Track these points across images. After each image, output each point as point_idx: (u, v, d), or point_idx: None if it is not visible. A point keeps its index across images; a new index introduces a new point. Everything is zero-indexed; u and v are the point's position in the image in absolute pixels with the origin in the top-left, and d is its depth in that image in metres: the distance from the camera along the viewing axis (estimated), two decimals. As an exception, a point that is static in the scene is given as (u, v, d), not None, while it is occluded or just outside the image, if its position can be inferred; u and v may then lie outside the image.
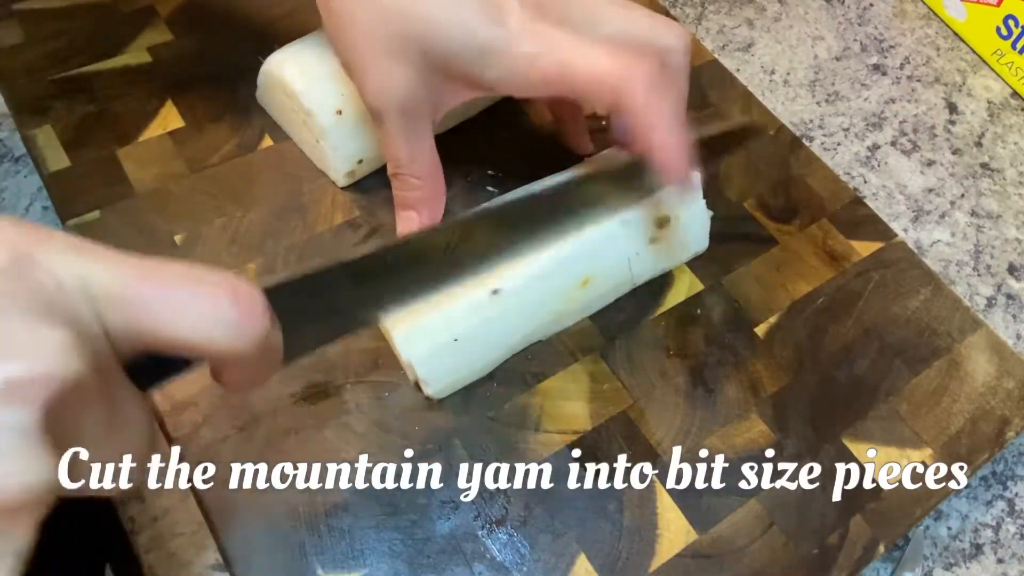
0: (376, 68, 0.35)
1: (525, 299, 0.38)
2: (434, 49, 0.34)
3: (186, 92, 0.46)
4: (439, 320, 0.36)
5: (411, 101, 0.35)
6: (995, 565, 0.41)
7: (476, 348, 0.37)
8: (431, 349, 0.36)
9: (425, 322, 0.36)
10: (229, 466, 0.35)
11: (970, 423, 0.41)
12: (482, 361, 0.38)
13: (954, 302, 0.45)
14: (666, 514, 0.37)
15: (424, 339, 0.36)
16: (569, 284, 0.39)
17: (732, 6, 0.61)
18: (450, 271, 0.32)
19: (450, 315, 0.36)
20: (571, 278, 0.39)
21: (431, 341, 0.36)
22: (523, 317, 0.38)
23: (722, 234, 0.44)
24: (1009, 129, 0.57)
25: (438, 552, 0.34)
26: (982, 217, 0.53)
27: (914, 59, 0.60)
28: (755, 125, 0.39)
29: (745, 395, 0.40)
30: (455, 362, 0.37)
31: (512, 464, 0.37)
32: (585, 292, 0.40)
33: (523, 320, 0.38)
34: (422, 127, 0.37)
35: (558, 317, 0.40)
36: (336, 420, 0.37)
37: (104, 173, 0.42)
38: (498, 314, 0.37)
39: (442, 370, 0.37)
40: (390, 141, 0.37)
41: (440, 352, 0.36)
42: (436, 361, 0.37)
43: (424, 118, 0.37)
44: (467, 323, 0.36)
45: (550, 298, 0.39)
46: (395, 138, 0.37)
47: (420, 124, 0.37)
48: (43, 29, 0.47)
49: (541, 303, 0.38)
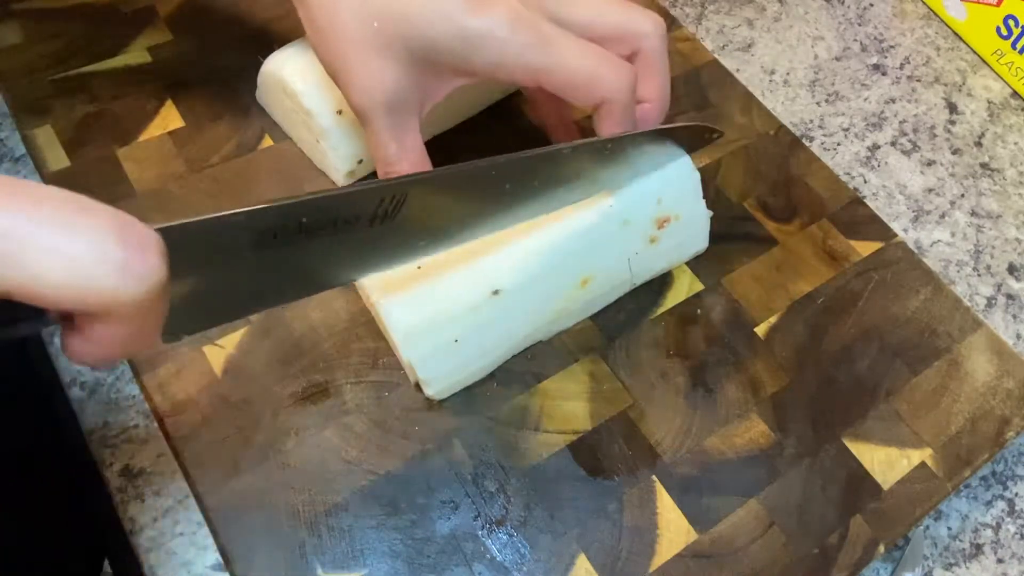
0: (360, 67, 0.35)
1: (525, 299, 0.38)
2: (417, 41, 0.34)
3: (186, 92, 0.46)
4: (440, 321, 0.36)
5: (397, 98, 0.35)
6: (995, 565, 0.41)
7: (477, 348, 0.37)
8: (432, 350, 0.36)
9: (425, 323, 0.36)
10: (229, 466, 0.35)
11: (970, 423, 0.41)
12: (483, 361, 0.38)
13: (954, 302, 0.45)
14: (666, 514, 0.37)
15: (425, 340, 0.36)
16: (569, 283, 0.39)
17: (732, 6, 0.61)
18: (382, 240, 0.28)
19: (451, 315, 0.36)
20: (571, 277, 0.39)
21: (432, 342, 0.36)
22: (523, 317, 0.38)
23: (722, 234, 0.44)
24: (1009, 129, 0.57)
25: (438, 552, 0.34)
26: (982, 217, 0.53)
27: (914, 59, 0.60)
28: (706, 127, 0.40)
29: (745, 395, 0.40)
30: (456, 363, 0.37)
31: (512, 464, 0.37)
32: (585, 292, 0.40)
33: (523, 320, 0.38)
34: (410, 123, 0.37)
35: (558, 317, 0.40)
36: (336, 420, 0.37)
37: (104, 173, 0.42)
38: (498, 314, 0.37)
39: (443, 371, 0.37)
40: (378, 140, 0.37)
41: (441, 353, 0.36)
42: (437, 362, 0.37)
43: (412, 114, 0.36)
44: (467, 323, 0.36)
45: (550, 298, 0.39)
46: (382, 136, 0.36)
47: (407, 120, 0.36)
48: (43, 29, 0.47)
49: (541, 303, 0.38)
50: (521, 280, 0.37)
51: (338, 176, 0.43)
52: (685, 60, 0.53)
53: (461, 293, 0.36)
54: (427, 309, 0.36)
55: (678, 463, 0.38)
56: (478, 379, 0.39)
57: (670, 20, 0.55)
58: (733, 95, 0.52)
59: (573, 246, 0.38)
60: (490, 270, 0.37)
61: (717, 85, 0.52)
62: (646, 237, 0.40)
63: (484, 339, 0.37)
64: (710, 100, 0.51)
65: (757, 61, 0.58)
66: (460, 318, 0.36)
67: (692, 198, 0.41)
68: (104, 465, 0.37)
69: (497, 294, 0.37)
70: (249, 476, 0.35)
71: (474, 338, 0.37)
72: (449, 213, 0.32)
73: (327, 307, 0.40)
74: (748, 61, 0.58)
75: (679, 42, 0.54)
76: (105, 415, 0.38)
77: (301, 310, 0.39)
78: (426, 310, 0.36)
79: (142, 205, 0.41)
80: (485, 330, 0.37)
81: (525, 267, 0.37)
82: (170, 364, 0.37)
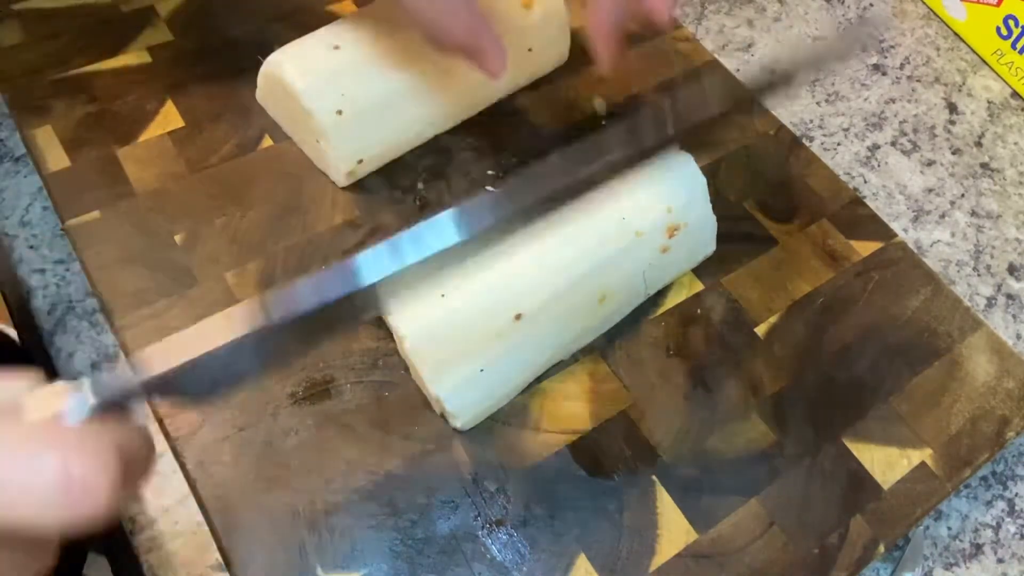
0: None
1: (547, 321, 0.37)
2: None
3: (186, 92, 0.46)
4: (466, 351, 0.36)
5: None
6: (995, 565, 0.41)
7: (502, 375, 0.37)
8: (458, 381, 0.36)
9: (452, 355, 0.35)
10: (229, 466, 0.35)
11: (970, 423, 0.41)
12: (507, 387, 0.38)
13: (954, 302, 0.45)
14: (666, 514, 0.37)
15: (451, 372, 0.35)
16: (588, 301, 0.38)
17: (732, 6, 0.61)
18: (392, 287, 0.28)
19: (476, 344, 0.36)
20: (589, 295, 0.38)
21: (458, 374, 0.36)
22: (546, 339, 0.38)
23: (722, 234, 0.44)
24: (1009, 129, 0.57)
25: (438, 552, 0.34)
26: (982, 217, 0.53)
27: (914, 59, 0.60)
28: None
29: (745, 395, 0.40)
30: (482, 392, 0.37)
31: (512, 464, 0.37)
32: (603, 308, 0.39)
33: (546, 342, 0.38)
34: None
35: (579, 335, 0.39)
36: (336, 420, 0.37)
37: (104, 173, 0.42)
38: (522, 339, 0.37)
39: (469, 401, 0.36)
40: (437, 20, 0.36)
41: (467, 383, 0.36)
42: (464, 393, 0.36)
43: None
44: (492, 352, 0.36)
45: (571, 317, 0.38)
46: (443, 11, 0.36)
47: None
48: (43, 29, 0.47)
49: (563, 323, 0.38)
50: (543, 300, 0.37)
51: (338, 176, 0.43)
52: (685, 60, 0.53)
53: (485, 320, 0.36)
54: (453, 341, 0.35)
55: (678, 463, 0.38)
56: (500, 407, 0.38)
57: (670, 20, 0.55)
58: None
59: (590, 261, 0.38)
60: (511, 294, 0.36)
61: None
62: (657, 247, 0.40)
63: (509, 365, 0.37)
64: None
65: (757, 61, 0.58)
66: (485, 347, 0.36)
67: (700, 204, 0.41)
68: (104, 465, 0.37)
69: (520, 318, 0.36)
70: (249, 476, 0.35)
71: (500, 365, 0.36)
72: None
73: (327, 307, 0.40)
74: (748, 61, 0.58)
75: (679, 42, 0.54)
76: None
77: (301, 310, 0.39)
78: (452, 342, 0.35)
79: (142, 205, 0.42)
80: (510, 356, 0.37)
81: (545, 287, 0.37)
82: (170, 364, 0.37)
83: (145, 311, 0.38)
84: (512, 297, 0.36)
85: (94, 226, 0.41)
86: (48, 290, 0.41)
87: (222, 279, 0.40)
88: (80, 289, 0.41)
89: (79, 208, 0.41)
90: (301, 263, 0.41)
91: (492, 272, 0.35)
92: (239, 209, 0.42)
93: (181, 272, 0.40)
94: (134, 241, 0.40)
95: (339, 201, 0.43)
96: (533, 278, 0.37)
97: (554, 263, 0.37)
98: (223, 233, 0.41)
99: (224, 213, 0.42)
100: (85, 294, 0.41)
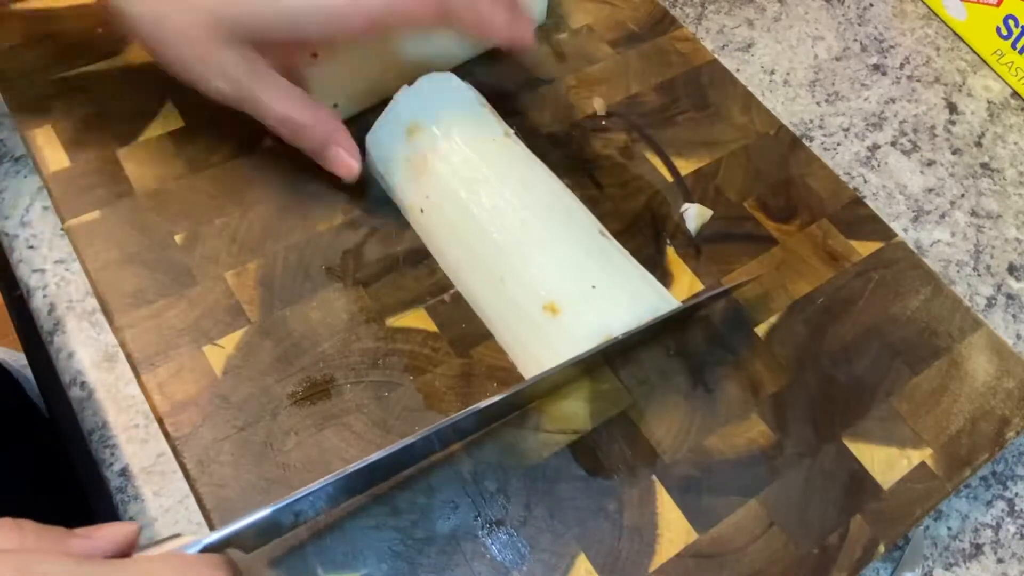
0: (205, 63, 0.38)
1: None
2: (248, 26, 0.37)
3: (186, 92, 0.46)
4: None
5: (250, 75, 0.38)
6: (995, 565, 0.41)
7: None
8: None
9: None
10: (229, 466, 0.35)
11: (970, 423, 0.41)
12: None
13: (954, 302, 0.45)
14: (666, 514, 0.37)
15: None
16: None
17: (732, 6, 0.61)
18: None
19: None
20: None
21: None
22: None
23: (722, 234, 0.44)
24: (1009, 129, 0.57)
25: (438, 552, 0.34)
26: (982, 217, 0.53)
27: (914, 59, 0.60)
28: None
29: (745, 395, 0.40)
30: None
31: (512, 464, 0.37)
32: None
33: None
34: (274, 82, 0.39)
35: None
36: (336, 420, 0.37)
37: (104, 173, 0.42)
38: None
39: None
40: (263, 113, 0.39)
41: None
42: None
43: (270, 75, 0.39)
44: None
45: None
46: (265, 108, 0.39)
47: (272, 81, 0.39)
48: (43, 29, 0.47)
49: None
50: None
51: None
52: (685, 60, 0.53)
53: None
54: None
55: (678, 463, 0.38)
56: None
57: (670, 20, 0.55)
58: (733, 95, 0.52)
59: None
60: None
61: (717, 85, 0.52)
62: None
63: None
64: (710, 100, 0.51)
65: (757, 61, 0.58)
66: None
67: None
68: (104, 465, 0.37)
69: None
70: (249, 476, 0.35)
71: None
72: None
73: (327, 307, 0.40)
74: (748, 61, 0.58)
75: (679, 42, 0.54)
76: (105, 415, 0.38)
77: (301, 310, 0.39)
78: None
79: (142, 205, 0.42)
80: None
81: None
82: (170, 364, 0.37)
83: (145, 311, 0.38)
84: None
85: (94, 226, 0.41)
86: (48, 290, 0.41)
87: (222, 279, 0.40)
88: (80, 289, 0.41)
89: (79, 208, 0.41)
90: (301, 263, 0.41)
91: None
92: (239, 209, 0.42)
93: (181, 272, 0.40)
94: (134, 241, 0.40)
95: (339, 201, 0.43)
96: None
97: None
98: (223, 233, 0.41)
99: (224, 213, 0.42)
100: (85, 294, 0.41)
